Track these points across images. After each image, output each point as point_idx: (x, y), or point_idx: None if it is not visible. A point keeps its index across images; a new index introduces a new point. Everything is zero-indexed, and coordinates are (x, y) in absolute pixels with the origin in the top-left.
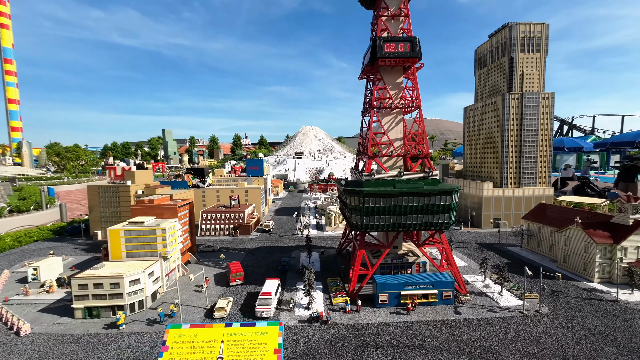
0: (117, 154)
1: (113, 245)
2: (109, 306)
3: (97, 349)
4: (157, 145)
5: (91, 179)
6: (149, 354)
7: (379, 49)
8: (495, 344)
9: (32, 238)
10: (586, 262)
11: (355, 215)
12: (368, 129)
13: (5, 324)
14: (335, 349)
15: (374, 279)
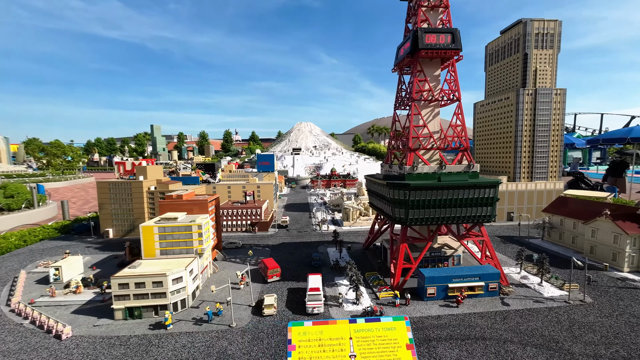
0: (102, 150)
1: (146, 242)
2: (150, 306)
3: (150, 350)
4: (144, 142)
5: (78, 176)
6: (207, 355)
7: (421, 40)
8: (554, 334)
9: (37, 237)
10: (615, 253)
11: (399, 209)
12: (408, 121)
13: (40, 327)
14: None
15: (420, 272)
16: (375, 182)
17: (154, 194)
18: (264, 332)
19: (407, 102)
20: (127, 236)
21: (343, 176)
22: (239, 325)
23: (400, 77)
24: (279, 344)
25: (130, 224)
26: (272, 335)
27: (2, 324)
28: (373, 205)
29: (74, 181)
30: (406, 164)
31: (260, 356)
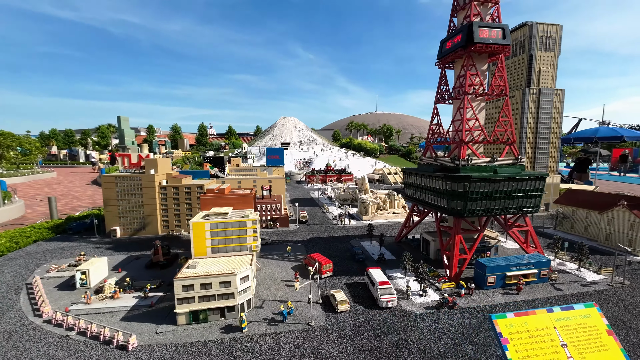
0: (59, 143)
1: (197, 240)
2: (216, 308)
3: (238, 355)
4: (108, 134)
5: (36, 171)
6: (302, 356)
7: (476, 34)
8: (616, 314)
9: (29, 238)
10: (631, 239)
11: (457, 201)
12: (459, 115)
13: (94, 337)
14: (489, 330)
15: (479, 262)
16: (423, 175)
17: (166, 188)
18: (348, 328)
19: (451, 96)
20: (136, 235)
21: (338, 171)
22: (317, 324)
23: (443, 72)
24: (372, 340)
25: (140, 221)
26: (360, 332)
27: (42, 337)
28: (411, 197)
29: (33, 176)
30: (459, 156)
31: (357, 354)
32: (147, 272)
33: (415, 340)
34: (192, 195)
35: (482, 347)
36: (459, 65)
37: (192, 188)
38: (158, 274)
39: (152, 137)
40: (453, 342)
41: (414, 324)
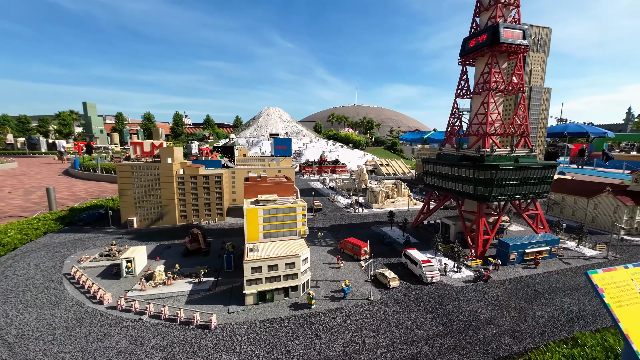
0: (13, 131)
1: (250, 226)
2: (281, 288)
3: (317, 327)
4: (71, 121)
5: None
6: (376, 325)
7: (501, 35)
8: None
9: (38, 230)
10: (614, 220)
11: (483, 187)
12: (483, 108)
13: (170, 319)
14: (524, 297)
15: (502, 241)
16: (448, 164)
17: (184, 178)
18: (405, 301)
19: (473, 91)
20: (153, 225)
21: (332, 162)
22: (375, 299)
23: (464, 69)
24: (432, 308)
25: (158, 211)
26: (416, 304)
27: (114, 322)
28: (432, 185)
29: None
30: (483, 147)
31: (422, 321)
32: (187, 260)
33: (466, 308)
34: (211, 184)
35: (524, 310)
36: (480, 62)
37: (210, 177)
38: (199, 261)
39: (122, 126)
40: (498, 308)
41: (460, 295)
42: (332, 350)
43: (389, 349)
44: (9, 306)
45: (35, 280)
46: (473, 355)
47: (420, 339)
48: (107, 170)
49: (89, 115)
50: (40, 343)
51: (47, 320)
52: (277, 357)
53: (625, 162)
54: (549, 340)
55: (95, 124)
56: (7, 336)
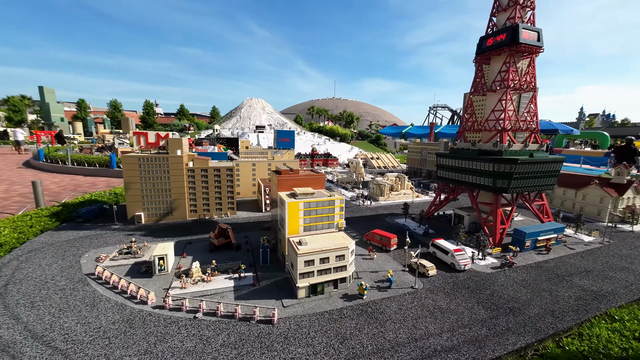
0: None
1: (291, 219)
2: (330, 281)
3: (377, 315)
4: (23, 108)
5: None
6: (430, 311)
7: (520, 35)
8: (620, 261)
9: (33, 228)
10: (600, 210)
11: (502, 179)
12: (500, 105)
13: (227, 316)
14: (549, 280)
15: (518, 230)
16: (465, 158)
17: (194, 170)
18: (447, 288)
19: (490, 89)
20: (162, 220)
21: (324, 156)
22: (419, 287)
23: (480, 67)
24: (473, 294)
25: (167, 206)
26: (458, 290)
27: (169, 321)
28: (445, 178)
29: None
30: (501, 142)
31: (470, 305)
32: (215, 255)
33: (503, 292)
34: (222, 177)
35: (553, 292)
36: (496, 61)
37: (221, 170)
38: (228, 256)
39: (86, 114)
40: (531, 291)
41: (492, 280)
42: (400, 337)
43: (452, 333)
44: (40, 311)
45: (57, 282)
46: (526, 334)
47: (475, 322)
48: (79, 163)
49: (47, 101)
50: (97, 348)
51: (92, 323)
52: (352, 346)
53: (582, 157)
54: (584, 318)
55: (54, 111)
56: (55, 342)
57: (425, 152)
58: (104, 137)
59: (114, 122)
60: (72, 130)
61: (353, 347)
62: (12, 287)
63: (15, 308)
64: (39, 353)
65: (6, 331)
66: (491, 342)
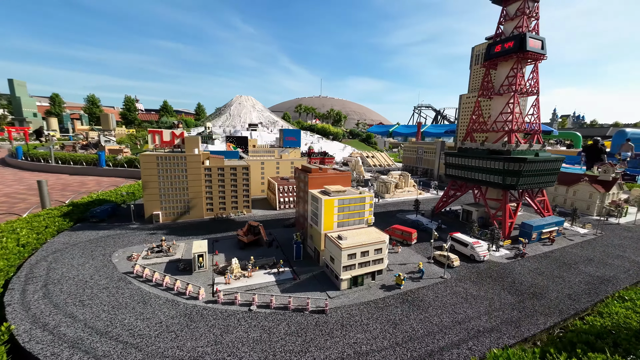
0: None
1: (327, 215)
2: (368, 273)
3: (418, 303)
4: None
5: None
6: (464, 298)
7: (528, 43)
8: (615, 250)
9: (50, 228)
10: (589, 204)
11: (512, 177)
12: (509, 108)
13: (281, 308)
14: (558, 268)
15: (525, 223)
16: (475, 157)
17: (211, 169)
18: (473, 277)
19: (497, 92)
20: (179, 219)
21: (321, 154)
22: (447, 277)
23: (487, 71)
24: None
25: (184, 205)
26: (483, 278)
27: (225, 315)
28: (454, 176)
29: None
30: (509, 142)
31: (498, 291)
32: (246, 252)
33: (522, 279)
34: (238, 176)
35: (565, 278)
36: (503, 66)
37: (237, 169)
38: (259, 252)
39: (60, 110)
40: (545, 278)
41: (510, 269)
42: (445, 321)
43: (489, 316)
44: (93, 309)
45: (98, 282)
46: (554, 315)
47: (506, 306)
48: (64, 161)
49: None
50: (167, 341)
51: (151, 319)
52: (404, 330)
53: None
54: (597, 299)
55: (26, 106)
56: (122, 337)
57: (421, 151)
58: (88, 135)
59: (92, 119)
60: (47, 127)
61: (405, 331)
62: (53, 287)
63: (65, 307)
64: (111, 347)
65: (67, 329)
66: (524, 323)
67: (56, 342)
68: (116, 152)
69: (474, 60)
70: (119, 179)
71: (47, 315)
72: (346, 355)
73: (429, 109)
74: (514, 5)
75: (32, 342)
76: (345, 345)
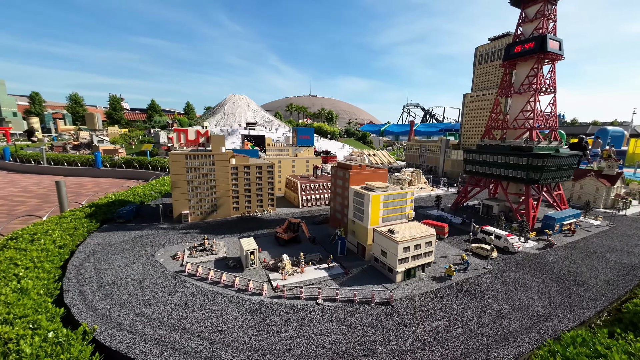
0: None
1: (374, 210)
2: (419, 265)
3: (472, 292)
4: None
5: None
6: (512, 286)
7: (548, 45)
8: (635, 240)
9: (79, 230)
10: (596, 198)
11: (535, 172)
12: (530, 106)
13: (347, 301)
14: (587, 257)
15: (548, 216)
16: (498, 153)
17: (237, 168)
18: (513, 267)
19: (517, 91)
20: (207, 218)
21: (323, 153)
22: (490, 267)
23: (507, 71)
24: (538, 269)
25: (212, 203)
26: (523, 268)
27: (296, 309)
28: (475, 172)
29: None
30: (531, 139)
31: (542, 279)
32: (287, 249)
33: (560, 268)
34: (263, 174)
35: (597, 266)
36: (522, 66)
37: (262, 167)
38: (299, 249)
39: (41, 109)
40: (580, 266)
41: (544, 259)
42: (505, 309)
43: (543, 303)
44: (161, 307)
45: (153, 281)
46: (601, 300)
47: (555, 293)
48: (57, 162)
49: None
50: (250, 335)
51: (223, 315)
52: (471, 318)
53: None
54: (632, 284)
55: (5, 105)
56: (203, 333)
57: (424, 149)
58: (78, 134)
59: (77, 118)
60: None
61: (472, 318)
62: (109, 288)
63: (132, 306)
64: (197, 344)
65: (144, 327)
66: (577, 308)
67: (139, 340)
68: (111, 153)
69: (477, 60)
70: (118, 180)
71: (117, 315)
72: (427, 343)
73: (418, 108)
74: (533, 7)
75: (115, 342)
76: (422, 333)
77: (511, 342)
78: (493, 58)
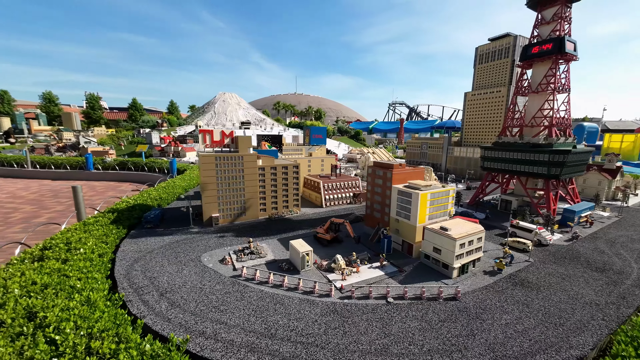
0: None
1: (421, 208)
2: (471, 260)
3: (527, 285)
4: None
5: None
6: (555, 276)
7: (566, 45)
8: (633, 221)
9: (109, 237)
10: (598, 191)
11: (556, 167)
12: (547, 105)
13: (415, 298)
14: (611, 247)
15: (567, 209)
16: (518, 150)
17: (264, 169)
18: (551, 259)
19: (534, 90)
20: (237, 221)
21: None
22: (532, 260)
23: (523, 71)
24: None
25: (241, 206)
26: (561, 260)
27: (368, 309)
28: (493, 169)
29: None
30: (550, 136)
31: (582, 269)
32: (329, 249)
33: (595, 258)
34: (289, 175)
35: (627, 255)
36: (539, 66)
37: (288, 168)
38: (341, 248)
39: (10, 108)
40: (609, 256)
41: (576, 250)
42: (563, 298)
43: (595, 291)
44: (235, 314)
45: (213, 287)
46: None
47: (602, 282)
48: (43, 165)
49: None
50: (338, 336)
51: (301, 319)
52: (537, 309)
53: None
54: None
55: None
56: (293, 337)
57: (425, 146)
58: (62, 135)
59: (53, 118)
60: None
61: (539, 309)
62: (172, 296)
63: (205, 314)
64: (292, 348)
65: (229, 334)
66: (627, 295)
67: (231, 349)
68: (102, 154)
69: (477, 59)
70: (112, 183)
71: (194, 324)
72: (510, 335)
73: (403, 106)
74: (550, 10)
75: (207, 350)
76: (502, 326)
77: (584, 331)
78: (495, 57)
